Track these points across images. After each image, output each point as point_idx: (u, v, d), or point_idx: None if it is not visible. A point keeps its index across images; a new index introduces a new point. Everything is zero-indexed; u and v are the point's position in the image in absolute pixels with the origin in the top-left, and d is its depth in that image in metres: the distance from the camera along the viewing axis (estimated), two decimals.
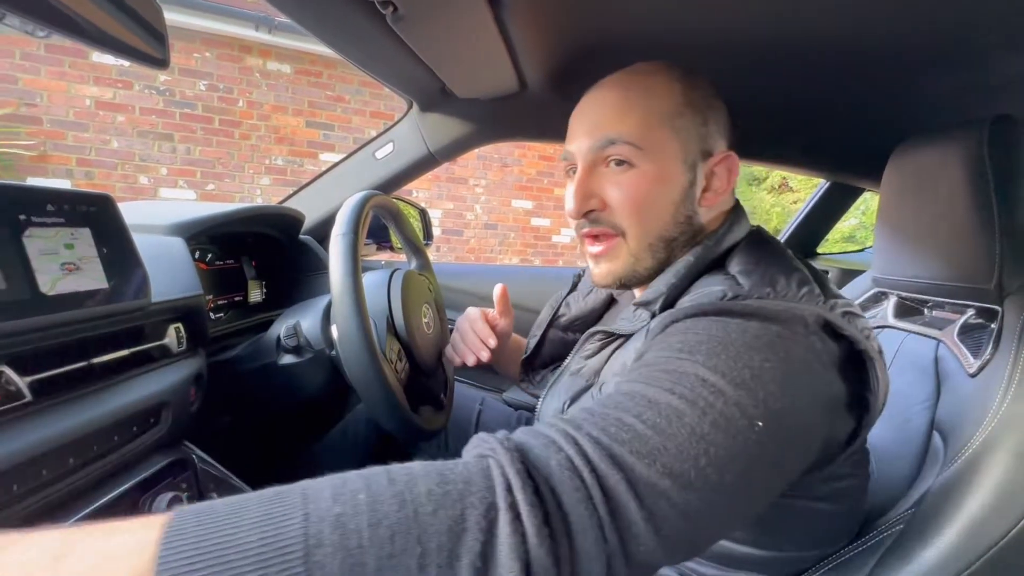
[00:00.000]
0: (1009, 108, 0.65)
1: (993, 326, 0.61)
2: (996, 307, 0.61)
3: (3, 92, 3.31)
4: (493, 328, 0.76)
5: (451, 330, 1.29)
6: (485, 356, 0.74)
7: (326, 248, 1.10)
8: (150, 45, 0.52)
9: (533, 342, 0.76)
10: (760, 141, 1.02)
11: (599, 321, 0.72)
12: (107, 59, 3.55)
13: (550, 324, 0.75)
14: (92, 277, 0.48)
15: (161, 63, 0.54)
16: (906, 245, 0.72)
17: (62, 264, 0.45)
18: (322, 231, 1.09)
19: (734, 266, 0.49)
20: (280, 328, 0.73)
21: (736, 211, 0.56)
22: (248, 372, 0.77)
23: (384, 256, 1.30)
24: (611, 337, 0.55)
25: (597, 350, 0.56)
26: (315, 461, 1.01)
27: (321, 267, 1.04)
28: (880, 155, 0.76)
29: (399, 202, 1.03)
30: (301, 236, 1.05)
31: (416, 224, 1.18)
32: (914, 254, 0.70)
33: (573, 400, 0.54)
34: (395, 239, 1.20)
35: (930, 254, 0.68)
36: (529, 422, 0.98)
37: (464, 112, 0.97)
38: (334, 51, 0.75)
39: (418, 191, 4.61)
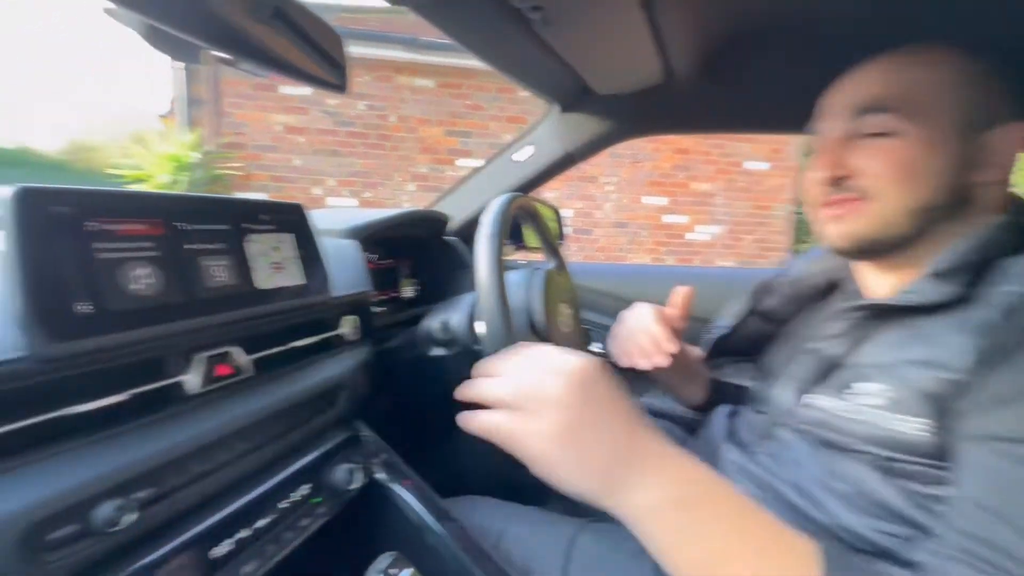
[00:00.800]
0: None
1: None
2: None
3: (223, 125, 4.13)
4: (671, 331, 0.70)
5: (588, 329, 1.29)
6: (663, 362, 0.67)
7: (470, 247, 1.17)
8: (332, 73, 0.60)
9: (729, 323, 0.73)
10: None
11: (811, 307, 0.68)
12: (291, 90, 4.22)
13: (751, 311, 0.72)
14: (293, 274, 0.57)
15: (340, 88, 0.62)
16: None
17: (271, 263, 0.54)
18: (467, 231, 1.16)
19: None
20: (432, 323, 0.79)
21: (1016, 197, 0.53)
22: (403, 362, 0.84)
23: (520, 256, 1.34)
24: (868, 313, 0.52)
25: (851, 328, 0.52)
26: (457, 448, 1.08)
27: (466, 265, 1.10)
28: None
29: (537, 203, 1.06)
30: (447, 236, 1.13)
31: (552, 224, 1.20)
32: None
33: (816, 381, 0.52)
34: (529, 239, 1.23)
35: None
36: (670, 431, 0.93)
37: (604, 109, 0.96)
38: (480, 59, 0.79)
39: (548, 191, 4.68)
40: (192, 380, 0.46)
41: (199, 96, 4.08)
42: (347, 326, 0.68)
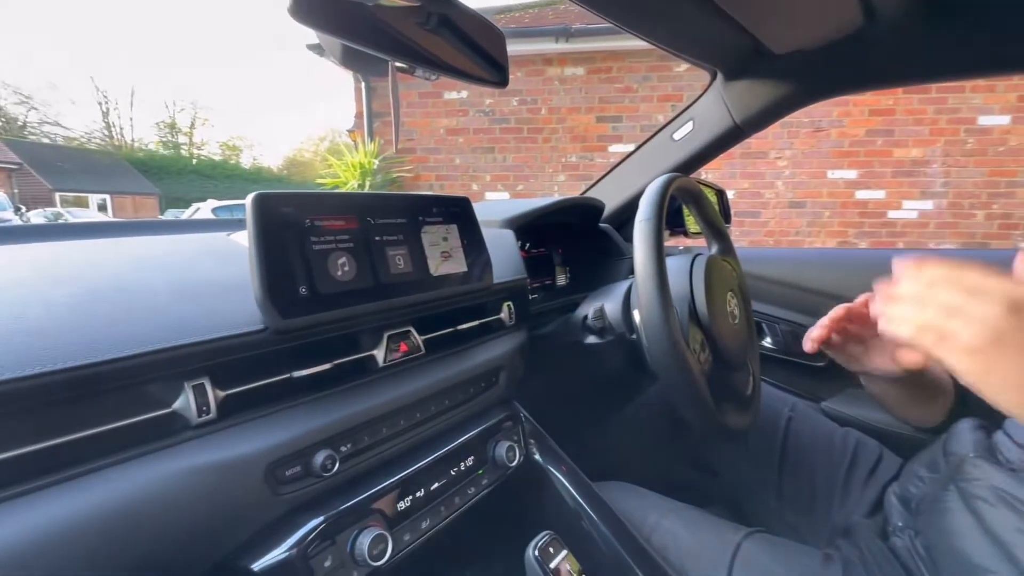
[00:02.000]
0: None
1: None
2: None
3: (402, 132, 4.68)
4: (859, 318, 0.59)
5: (759, 323, 1.16)
6: (808, 348, 0.60)
7: (623, 235, 1.14)
8: (494, 70, 0.63)
9: None
10: None
11: None
12: (452, 95, 4.58)
13: None
14: (459, 262, 0.61)
15: (502, 83, 0.65)
16: None
17: (441, 252, 0.59)
18: (620, 218, 1.13)
19: None
20: (587, 310, 0.79)
21: None
22: (558, 347, 0.86)
23: (678, 242, 1.26)
24: None
25: None
26: (607, 435, 1.07)
27: (619, 253, 1.08)
28: None
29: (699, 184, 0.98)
30: (600, 224, 1.12)
31: (716, 206, 1.10)
32: None
33: None
34: (690, 223, 1.14)
35: None
36: (862, 443, 0.79)
37: (780, 71, 0.84)
38: (637, 34, 0.75)
39: (707, 172, 4.31)
40: (380, 354, 0.53)
41: (379, 110, 4.67)
42: (505, 311, 0.72)
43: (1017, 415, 0.37)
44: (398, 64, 0.49)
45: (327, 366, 0.48)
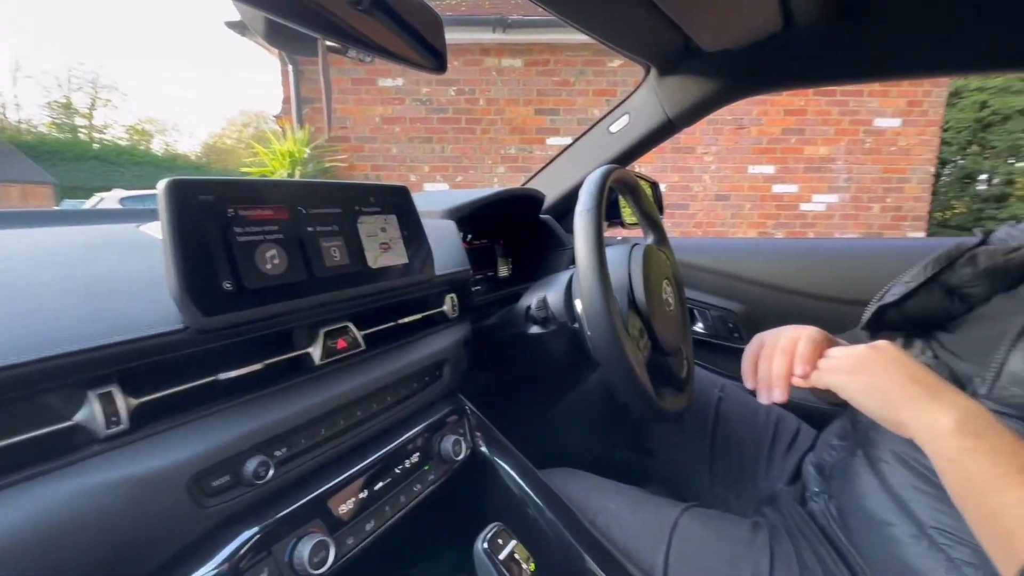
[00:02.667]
0: None
1: None
2: None
3: (335, 120, 4.47)
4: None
5: (691, 309, 1.22)
6: (779, 398, 0.56)
7: (564, 225, 1.15)
8: (432, 55, 0.61)
9: (900, 289, 0.63)
10: None
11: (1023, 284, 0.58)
12: (388, 82, 4.44)
13: (934, 278, 0.62)
14: (398, 254, 0.59)
15: (439, 69, 0.63)
16: None
17: (380, 244, 0.57)
18: (561, 209, 1.14)
19: None
20: (530, 301, 0.79)
21: None
22: (501, 339, 0.86)
23: (615, 232, 1.30)
24: None
25: None
26: (552, 423, 1.09)
27: (560, 244, 1.09)
28: None
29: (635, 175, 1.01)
30: (541, 215, 1.12)
31: (651, 198, 1.14)
32: None
33: None
34: (626, 214, 1.18)
35: None
36: (782, 418, 0.86)
37: (709, 68, 0.88)
38: (574, 25, 0.75)
39: (640, 165, 4.48)
40: (317, 352, 0.50)
41: (309, 95, 4.44)
42: (448, 304, 0.71)
43: (877, 415, 0.48)
44: (329, 44, 0.46)
45: (257, 366, 0.45)
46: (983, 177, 5.49)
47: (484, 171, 4.63)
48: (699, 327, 1.21)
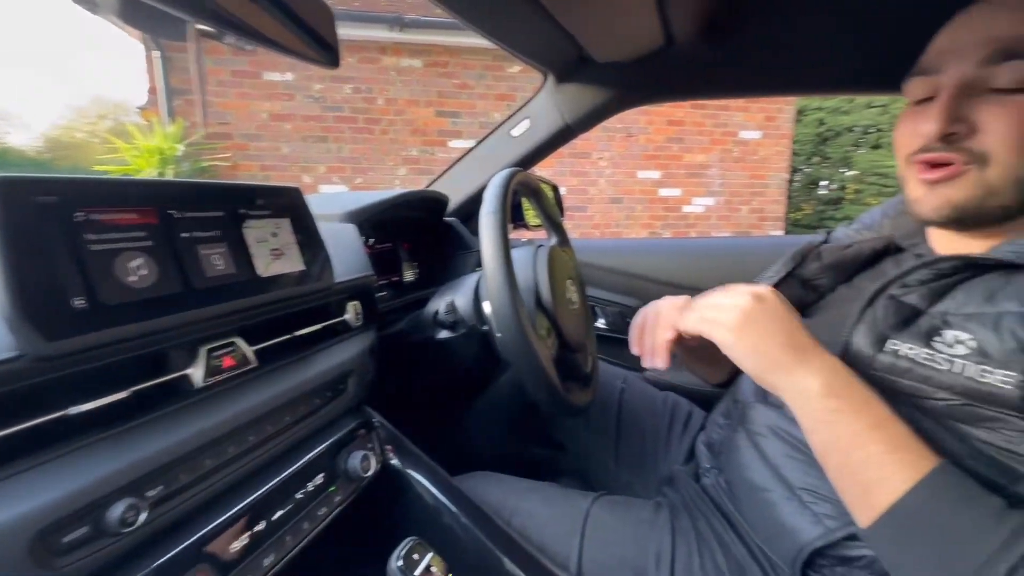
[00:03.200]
0: None
1: None
2: None
3: (208, 115, 4.04)
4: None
5: (592, 307, 1.28)
6: (660, 364, 0.60)
7: (469, 228, 1.15)
8: (323, 48, 0.58)
9: (766, 284, 0.69)
10: None
11: (858, 276, 0.66)
12: (276, 76, 4.12)
13: (791, 273, 0.70)
14: (293, 260, 0.55)
15: (332, 63, 0.59)
16: None
17: (271, 250, 0.52)
18: (466, 211, 1.13)
19: None
20: (438, 305, 0.78)
21: None
22: (409, 346, 0.83)
23: (520, 234, 1.32)
24: (955, 266, 0.49)
25: (932, 279, 0.50)
26: (466, 427, 1.08)
27: (466, 246, 1.08)
28: None
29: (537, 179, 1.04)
30: (446, 218, 1.11)
31: (553, 200, 1.18)
32: None
33: (899, 328, 0.50)
34: (530, 217, 1.21)
35: None
36: (677, 403, 0.93)
37: (603, 78, 0.93)
38: (473, 28, 0.75)
39: (541, 169, 4.63)
40: (197, 373, 0.44)
41: (179, 86, 3.97)
42: (351, 312, 0.67)
43: (754, 375, 0.49)
44: (201, 28, 0.41)
45: (122, 395, 0.39)
46: (824, 183, 6.47)
47: (385, 173, 4.48)
48: (600, 323, 1.27)
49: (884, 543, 0.42)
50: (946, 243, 0.56)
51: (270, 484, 0.49)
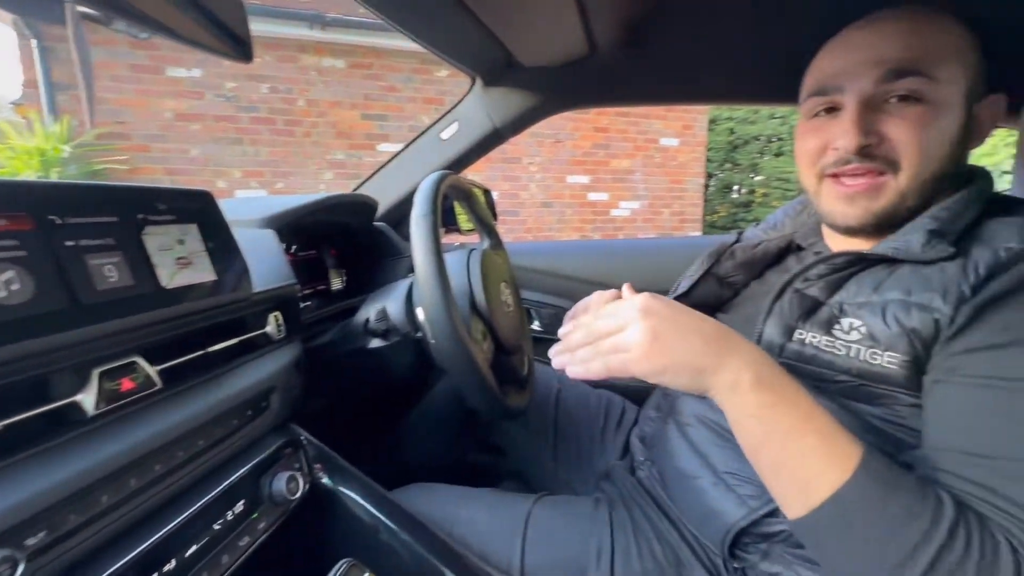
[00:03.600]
0: None
1: None
2: None
3: (98, 113, 3.64)
4: None
5: (527, 309, 1.29)
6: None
7: (400, 233, 1.12)
8: (232, 40, 0.53)
9: (687, 283, 0.74)
10: None
11: (766, 272, 0.71)
12: (181, 72, 3.81)
13: (708, 271, 0.73)
14: (202, 270, 0.50)
15: (244, 57, 0.55)
16: None
17: (177, 259, 0.48)
18: (396, 216, 1.10)
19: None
20: (368, 313, 0.75)
21: (974, 167, 0.56)
22: (339, 357, 0.79)
23: (453, 239, 1.31)
24: (850, 260, 0.54)
25: (829, 272, 0.55)
26: (401, 438, 1.04)
27: (397, 252, 1.05)
28: (1019, 85, 0.66)
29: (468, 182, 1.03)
30: (376, 223, 1.08)
31: (485, 204, 1.18)
32: None
33: (804, 319, 0.54)
34: (462, 221, 1.20)
35: None
36: (610, 400, 0.96)
37: (530, 82, 0.94)
38: (398, 29, 0.74)
39: (472, 173, 4.62)
40: (88, 399, 0.39)
41: (62, 80, 3.54)
42: (272, 323, 0.62)
43: (684, 390, 0.46)
44: (83, 10, 0.37)
45: None
46: (735, 188, 7.01)
47: (309, 177, 4.27)
48: (535, 325, 1.29)
49: (817, 533, 0.42)
50: (839, 241, 0.62)
51: (181, 518, 0.44)
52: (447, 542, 0.60)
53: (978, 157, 0.55)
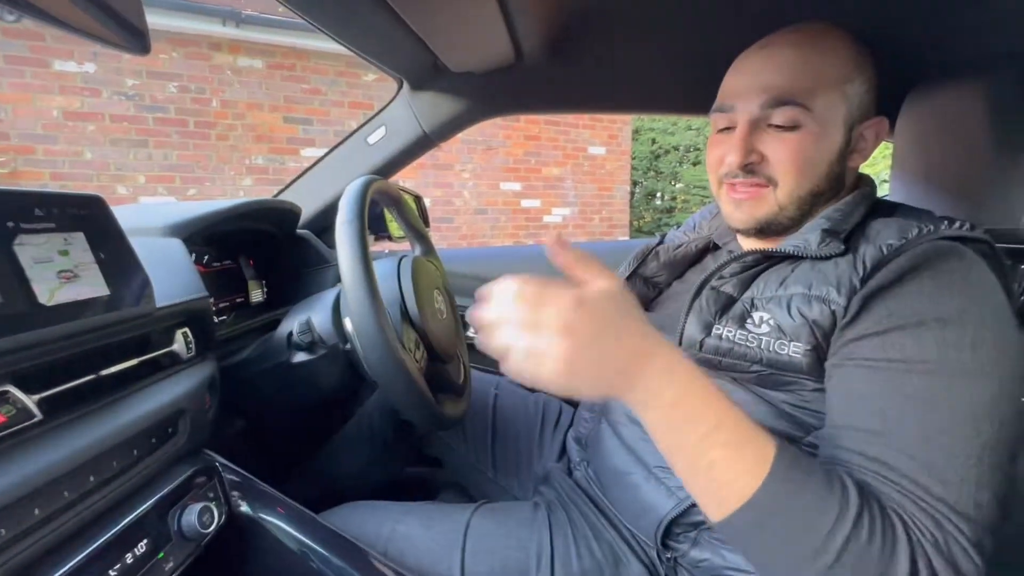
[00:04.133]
0: (1018, 45, 0.63)
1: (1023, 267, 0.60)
2: (1022, 247, 0.60)
3: None
4: None
5: (462, 316, 1.28)
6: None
7: (325, 240, 1.07)
8: (125, 30, 0.48)
9: None
10: None
11: (687, 271, 0.76)
12: (70, 66, 3.43)
13: (634, 272, 0.77)
14: (92, 284, 0.45)
15: (140, 48, 0.50)
16: (928, 192, 0.70)
17: (59, 272, 0.42)
18: (321, 223, 1.05)
19: (904, 212, 0.56)
20: (291, 325, 0.70)
21: (862, 175, 0.62)
22: (260, 374, 0.74)
23: (383, 246, 1.27)
24: (758, 258, 0.58)
25: (740, 271, 0.59)
26: (332, 456, 0.99)
27: (322, 261, 1.00)
28: (893, 101, 0.74)
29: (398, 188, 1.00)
30: (299, 231, 1.02)
31: (415, 210, 1.15)
32: (938, 200, 0.68)
33: (720, 315, 0.57)
34: (393, 228, 1.17)
35: (955, 198, 0.66)
36: (547, 402, 0.97)
37: (458, 88, 0.94)
38: (321, 30, 0.71)
39: (404, 180, 4.54)
40: None
41: None
42: (180, 341, 0.57)
43: (602, 400, 0.46)
44: None
45: None
46: (659, 195, 7.41)
47: (226, 183, 3.99)
48: (471, 332, 1.28)
49: (734, 534, 0.44)
50: (749, 240, 0.67)
51: (69, 566, 0.38)
52: (382, 562, 0.57)
53: (861, 167, 0.62)
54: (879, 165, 4.38)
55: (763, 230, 0.61)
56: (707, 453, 0.42)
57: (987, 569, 0.39)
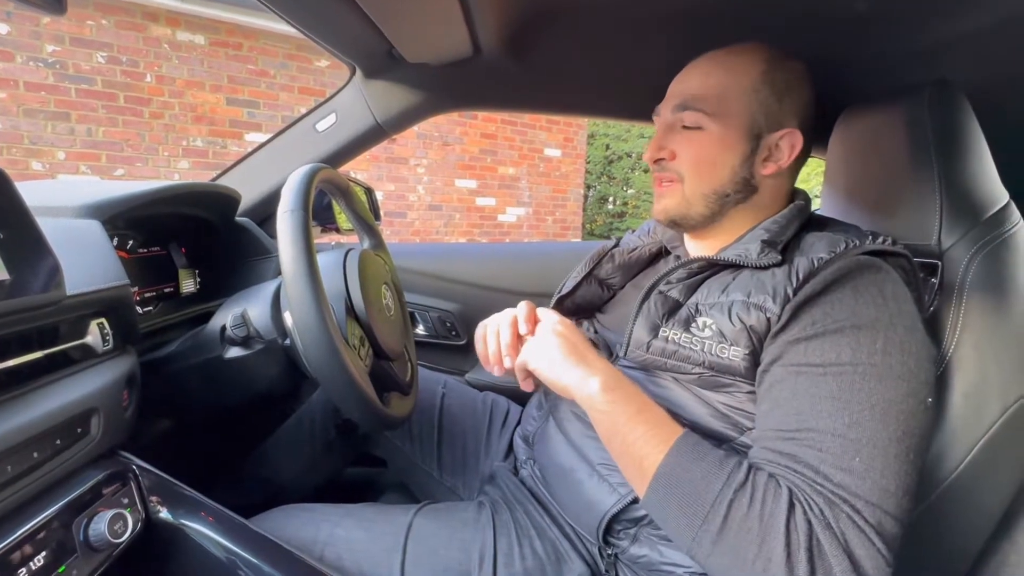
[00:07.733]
0: (947, 72, 0.69)
1: (934, 280, 0.65)
2: (936, 262, 0.65)
3: None
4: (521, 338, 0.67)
5: (412, 312, 1.25)
6: (499, 372, 0.67)
7: (266, 230, 1.01)
8: None
9: (571, 284, 0.80)
10: None
11: (640, 274, 0.79)
12: None
13: (589, 273, 0.79)
14: None
15: (53, 9, 0.45)
16: (852, 207, 0.75)
17: None
18: (262, 211, 1.00)
19: (834, 227, 0.61)
20: (225, 318, 0.66)
21: (799, 190, 0.67)
22: (188, 369, 0.69)
23: (330, 238, 1.22)
24: (702, 265, 0.62)
25: (686, 276, 0.63)
26: (268, 457, 0.94)
27: (262, 251, 0.95)
28: (827, 122, 0.79)
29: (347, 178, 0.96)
30: (238, 218, 0.96)
31: (365, 202, 1.11)
32: (860, 215, 0.73)
33: (667, 319, 0.61)
34: (341, 220, 1.12)
35: (875, 214, 0.71)
36: (496, 401, 0.96)
37: (413, 79, 0.91)
38: (272, 8, 0.67)
39: (356, 172, 4.40)
40: None
41: None
42: (95, 333, 0.52)
43: (557, 389, 0.58)
44: None
45: None
46: (611, 199, 7.59)
47: (159, 164, 3.72)
48: (420, 329, 1.25)
49: (653, 506, 0.51)
50: (695, 247, 0.70)
51: None
52: (318, 567, 0.55)
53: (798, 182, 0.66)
54: (812, 182, 4.69)
55: (677, 223, 0.66)
56: (633, 429, 0.52)
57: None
